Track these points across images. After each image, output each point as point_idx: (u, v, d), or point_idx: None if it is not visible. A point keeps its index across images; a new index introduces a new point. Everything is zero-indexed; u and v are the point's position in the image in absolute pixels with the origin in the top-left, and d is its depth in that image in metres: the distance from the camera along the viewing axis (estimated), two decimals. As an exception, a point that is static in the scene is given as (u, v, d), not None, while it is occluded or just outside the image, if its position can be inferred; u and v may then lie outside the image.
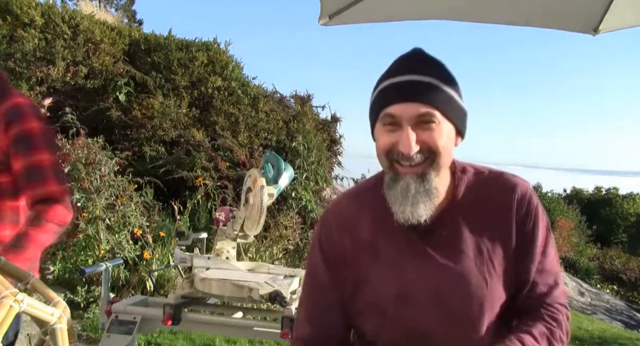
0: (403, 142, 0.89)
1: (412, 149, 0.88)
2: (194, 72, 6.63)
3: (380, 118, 0.93)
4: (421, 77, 0.91)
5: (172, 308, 2.04)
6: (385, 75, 0.96)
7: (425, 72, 0.92)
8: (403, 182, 0.91)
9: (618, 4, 1.65)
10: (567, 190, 20.91)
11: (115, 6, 16.39)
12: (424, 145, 0.90)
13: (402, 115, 0.89)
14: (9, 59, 5.24)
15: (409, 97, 0.89)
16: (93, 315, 3.74)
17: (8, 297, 1.33)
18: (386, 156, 0.93)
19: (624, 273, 12.93)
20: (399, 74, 0.93)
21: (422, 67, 0.93)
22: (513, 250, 0.96)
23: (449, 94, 0.92)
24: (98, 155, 4.53)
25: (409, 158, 0.89)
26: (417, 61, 0.95)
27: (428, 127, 0.90)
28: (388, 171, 0.95)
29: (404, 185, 0.91)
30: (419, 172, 0.91)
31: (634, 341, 7.26)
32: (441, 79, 0.92)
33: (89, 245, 4.15)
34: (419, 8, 1.89)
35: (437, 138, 0.90)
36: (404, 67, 0.94)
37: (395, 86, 0.92)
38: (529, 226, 0.98)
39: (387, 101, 0.91)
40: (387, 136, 0.92)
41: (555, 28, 1.85)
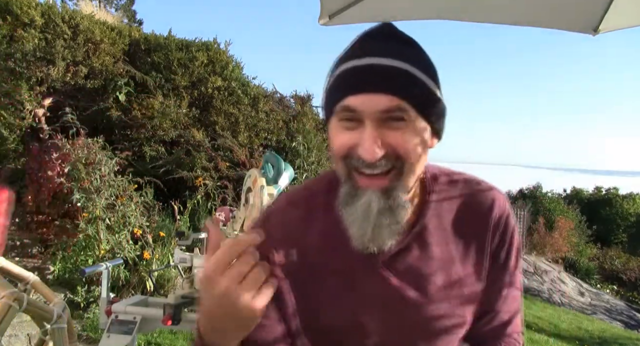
0: (364, 144, 0.69)
1: (375, 154, 0.68)
2: (194, 72, 6.63)
3: (336, 111, 0.73)
4: (390, 60, 0.70)
5: (172, 308, 2.04)
6: (345, 56, 0.75)
7: (395, 55, 0.71)
8: (364, 200, 0.72)
9: (618, 4, 1.65)
10: (567, 190, 20.90)
11: (115, 6, 16.39)
12: (391, 150, 0.70)
13: (364, 110, 0.69)
14: (9, 59, 5.24)
15: (373, 87, 0.69)
16: (93, 315, 3.74)
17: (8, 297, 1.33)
18: (343, 161, 0.73)
19: (624, 273, 12.93)
20: (361, 55, 0.72)
21: (392, 48, 0.72)
22: (485, 276, 0.83)
23: (423, 83, 0.71)
24: (98, 155, 4.53)
25: (371, 165, 0.70)
26: (385, 40, 0.74)
27: (397, 125, 0.70)
28: (345, 181, 0.75)
29: (365, 203, 0.72)
30: (383, 187, 0.71)
31: (634, 341, 7.26)
32: (415, 64, 0.71)
33: (89, 245, 4.15)
34: (420, 8, 1.89)
35: (407, 141, 0.70)
36: (369, 47, 0.73)
37: (356, 71, 0.71)
38: (504, 250, 0.84)
39: (346, 90, 0.71)
40: (343, 135, 0.72)
41: (555, 28, 1.84)
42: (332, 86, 0.75)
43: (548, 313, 8.03)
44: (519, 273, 0.88)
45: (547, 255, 13.00)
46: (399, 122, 0.70)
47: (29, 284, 1.66)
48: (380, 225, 0.72)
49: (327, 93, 0.76)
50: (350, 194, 0.74)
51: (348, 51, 0.75)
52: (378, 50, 0.71)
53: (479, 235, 0.83)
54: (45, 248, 4.82)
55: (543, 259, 12.37)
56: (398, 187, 0.72)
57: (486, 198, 0.85)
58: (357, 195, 0.73)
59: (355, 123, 0.71)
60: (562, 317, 7.92)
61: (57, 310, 1.56)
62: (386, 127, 0.70)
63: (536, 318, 7.33)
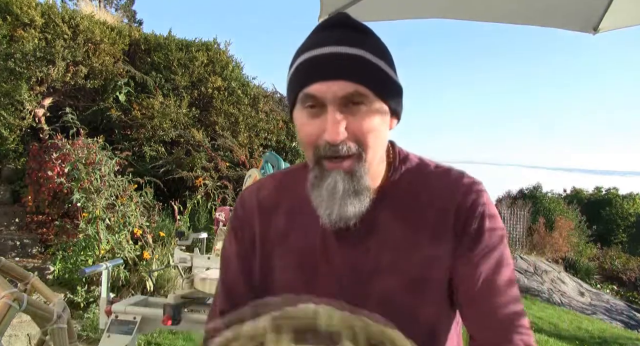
0: (328, 128, 0.73)
1: (338, 135, 0.73)
2: (194, 72, 6.63)
3: (299, 100, 0.77)
4: (347, 48, 0.74)
5: (172, 308, 2.04)
6: (304, 47, 0.79)
7: (351, 43, 0.75)
8: (330, 180, 0.76)
9: (618, 4, 1.65)
10: (567, 190, 20.88)
11: (115, 6, 16.38)
12: (352, 134, 0.74)
13: (325, 96, 0.73)
14: (9, 59, 5.24)
15: (332, 74, 0.73)
16: (93, 315, 3.74)
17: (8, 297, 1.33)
18: (312, 150, 0.77)
19: (624, 273, 12.92)
20: (319, 45, 0.76)
21: (347, 37, 0.76)
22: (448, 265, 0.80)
23: (380, 68, 0.76)
24: (98, 155, 4.53)
25: (336, 147, 0.74)
26: (341, 29, 0.78)
27: (357, 109, 0.74)
28: (313, 167, 0.79)
29: (331, 183, 0.76)
30: (346, 168, 0.75)
31: (634, 341, 7.26)
32: (371, 50, 0.76)
33: (89, 245, 4.15)
34: (419, 7, 1.89)
35: (368, 124, 0.75)
36: (325, 37, 0.77)
37: (315, 60, 0.75)
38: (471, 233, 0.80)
39: (306, 79, 0.75)
40: (309, 123, 0.76)
41: (555, 27, 1.85)
42: (293, 76, 0.79)
43: (548, 313, 8.03)
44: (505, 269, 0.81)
45: (547, 255, 12.99)
46: (359, 105, 0.74)
47: (29, 284, 1.66)
48: (346, 203, 0.76)
49: (289, 84, 0.80)
50: (317, 177, 0.78)
51: (307, 42, 0.79)
52: (335, 39, 0.76)
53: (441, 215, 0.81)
54: (45, 248, 4.82)
55: (543, 259, 12.36)
56: (360, 168, 0.76)
57: (454, 181, 0.84)
58: (324, 177, 0.77)
59: (318, 109, 0.75)
60: (562, 317, 7.91)
61: (57, 310, 1.56)
62: (347, 111, 0.74)
63: (536, 318, 7.33)
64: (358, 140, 0.75)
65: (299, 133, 0.80)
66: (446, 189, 0.83)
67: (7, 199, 5.44)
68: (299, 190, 0.84)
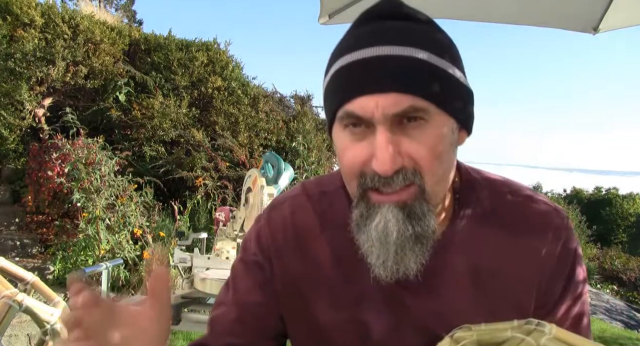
0: (377, 156, 0.56)
1: (390, 165, 0.55)
2: (194, 72, 6.63)
3: (337, 118, 0.60)
4: (396, 48, 0.56)
5: (172, 308, 2.04)
6: (342, 47, 0.61)
7: (401, 40, 0.57)
8: (379, 219, 0.58)
9: (618, 4, 1.65)
10: (567, 190, 20.89)
11: (115, 6, 16.38)
12: (409, 160, 0.57)
13: (372, 116, 0.56)
14: (9, 59, 5.24)
15: (380, 85, 0.55)
16: (93, 315, 3.74)
17: (8, 297, 1.33)
18: (357, 181, 0.60)
19: (624, 273, 12.91)
20: (362, 45, 0.58)
21: (398, 31, 0.58)
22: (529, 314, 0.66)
23: (443, 71, 0.57)
24: (98, 155, 4.53)
25: (387, 180, 0.57)
26: (390, 21, 0.59)
27: (414, 127, 0.57)
28: (358, 202, 0.61)
29: (382, 225, 0.58)
30: (401, 202, 0.58)
31: (634, 341, 7.25)
32: (431, 48, 0.57)
33: (89, 245, 4.15)
34: (419, 7, 1.89)
35: (428, 146, 0.57)
36: (370, 33, 0.58)
37: (356, 67, 0.57)
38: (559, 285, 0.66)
39: (345, 92, 0.58)
40: (353, 148, 0.59)
41: (555, 27, 1.85)
42: (329, 87, 0.62)
43: (548, 313, 8.03)
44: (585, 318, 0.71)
45: (547, 255, 12.99)
46: (417, 122, 0.57)
47: (29, 284, 1.65)
48: (403, 247, 0.59)
49: (326, 97, 0.63)
50: (362, 215, 0.60)
51: (346, 40, 0.61)
52: (383, 36, 0.57)
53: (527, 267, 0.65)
54: (45, 248, 4.82)
55: (543, 259, 12.37)
56: (421, 201, 0.59)
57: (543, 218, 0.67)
58: (371, 216, 0.60)
59: (363, 128, 0.58)
60: (562, 317, 7.91)
61: (57, 310, 1.56)
62: (401, 131, 0.57)
63: None
64: (417, 167, 0.57)
65: (340, 160, 0.62)
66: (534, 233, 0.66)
67: (7, 199, 5.44)
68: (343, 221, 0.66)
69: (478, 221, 0.67)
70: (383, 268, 0.60)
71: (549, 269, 0.66)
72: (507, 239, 0.66)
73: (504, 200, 0.68)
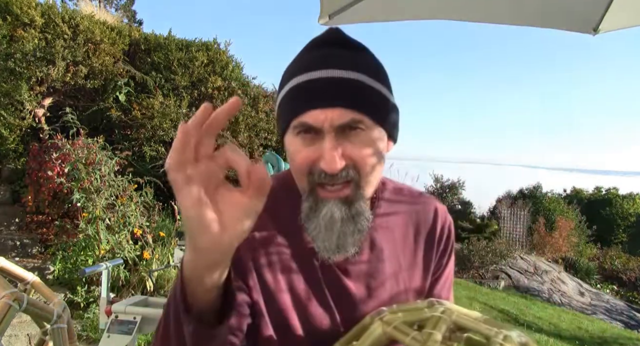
0: (325, 157, 0.69)
1: (336, 165, 0.69)
2: (194, 72, 6.63)
3: (292, 127, 0.73)
4: (340, 72, 0.70)
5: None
6: (294, 68, 0.74)
7: (344, 64, 0.71)
8: (326, 211, 0.72)
9: (618, 4, 1.65)
10: (567, 190, 20.89)
11: (115, 6, 16.39)
12: (350, 161, 0.71)
13: (323, 125, 0.69)
14: (9, 59, 5.24)
15: (327, 102, 0.69)
16: (93, 315, 3.74)
17: (8, 297, 1.33)
18: (307, 178, 0.73)
19: (624, 273, 12.92)
20: (311, 67, 0.71)
21: (340, 57, 0.72)
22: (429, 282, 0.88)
23: (377, 91, 0.73)
24: (98, 155, 4.53)
25: (332, 177, 0.70)
26: (333, 48, 0.74)
27: (354, 135, 0.71)
28: (307, 197, 0.74)
29: (327, 214, 0.72)
30: (343, 196, 0.72)
31: (634, 341, 7.26)
32: (367, 72, 0.72)
33: (89, 245, 4.15)
34: (419, 8, 1.89)
35: (365, 152, 0.72)
36: (317, 57, 0.73)
37: (308, 86, 0.71)
38: (445, 258, 0.89)
39: (299, 106, 0.71)
40: (304, 151, 0.72)
41: (555, 28, 1.85)
42: (284, 101, 0.75)
43: (548, 313, 8.03)
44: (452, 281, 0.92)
45: (547, 255, 12.99)
46: (356, 131, 0.71)
47: (29, 284, 1.66)
48: (345, 233, 0.73)
49: (281, 109, 0.76)
50: (312, 208, 0.74)
51: (297, 63, 0.75)
52: (328, 61, 0.71)
53: (427, 243, 0.87)
54: (45, 248, 4.82)
55: (543, 259, 12.37)
56: (358, 197, 0.73)
57: (430, 208, 0.89)
58: (319, 208, 0.73)
59: (313, 135, 0.71)
60: (562, 317, 7.91)
61: (57, 310, 1.56)
62: (344, 138, 0.71)
63: (536, 318, 7.33)
64: (356, 167, 0.72)
65: (292, 161, 0.75)
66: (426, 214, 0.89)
67: (7, 199, 5.44)
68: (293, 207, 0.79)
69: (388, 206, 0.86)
70: (326, 250, 0.74)
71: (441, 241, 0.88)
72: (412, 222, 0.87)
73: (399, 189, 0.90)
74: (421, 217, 0.88)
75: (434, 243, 0.87)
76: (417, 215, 0.88)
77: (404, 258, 0.85)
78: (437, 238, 0.88)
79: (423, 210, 0.89)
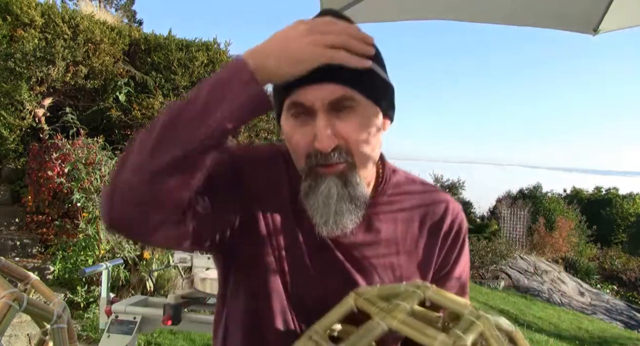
0: (319, 136, 0.71)
1: (329, 143, 0.70)
2: (194, 72, 6.63)
3: (285, 107, 0.74)
4: None
5: (172, 308, 2.04)
6: None
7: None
8: (324, 186, 0.73)
9: (618, 4, 1.65)
10: (567, 190, 20.90)
11: (115, 6, 16.38)
12: (343, 141, 0.72)
13: (314, 103, 0.70)
14: (9, 59, 5.24)
15: (320, 77, 0.69)
16: (93, 315, 3.74)
17: (8, 297, 1.33)
18: (305, 160, 0.74)
19: (624, 273, 12.92)
20: None
21: None
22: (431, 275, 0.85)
23: (370, 69, 0.72)
24: (98, 155, 4.53)
25: (326, 156, 0.72)
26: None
27: (347, 113, 0.72)
28: (306, 177, 0.75)
29: (325, 190, 0.73)
30: (339, 172, 0.73)
31: (634, 341, 7.26)
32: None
33: (89, 245, 4.15)
34: (419, 8, 1.89)
35: (358, 128, 0.72)
36: None
37: None
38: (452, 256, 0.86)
39: (291, 84, 0.71)
40: (298, 132, 0.73)
41: (555, 28, 1.85)
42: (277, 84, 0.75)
43: (548, 313, 8.04)
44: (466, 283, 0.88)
45: (547, 255, 13.00)
46: (349, 109, 0.72)
47: (29, 284, 1.65)
48: (342, 210, 0.73)
49: (274, 91, 0.77)
50: (311, 186, 0.74)
51: None
52: None
53: (431, 236, 0.84)
54: (45, 248, 4.82)
55: (543, 259, 12.37)
56: (354, 173, 0.74)
57: (441, 202, 0.87)
58: (318, 185, 0.74)
59: (307, 116, 0.72)
60: (562, 317, 7.92)
61: (57, 310, 1.56)
62: (337, 116, 0.71)
63: (536, 318, 7.34)
64: (349, 146, 0.73)
65: (289, 142, 0.76)
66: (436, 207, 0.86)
67: (7, 199, 5.44)
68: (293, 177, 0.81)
69: (396, 192, 0.85)
70: (324, 226, 0.74)
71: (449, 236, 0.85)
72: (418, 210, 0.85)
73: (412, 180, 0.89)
74: (430, 209, 0.85)
75: (439, 237, 0.84)
76: (426, 207, 0.86)
77: (404, 246, 0.83)
78: (444, 232, 0.85)
79: (433, 203, 0.86)
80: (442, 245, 0.85)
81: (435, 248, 0.84)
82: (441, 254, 0.85)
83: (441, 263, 0.85)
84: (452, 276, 0.86)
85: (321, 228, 0.75)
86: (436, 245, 0.85)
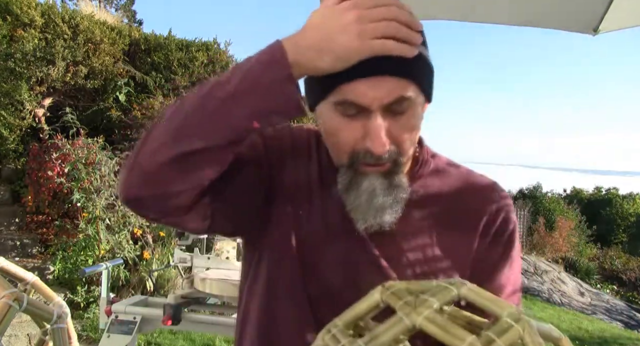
0: (374, 139, 0.64)
1: (385, 148, 0.65)
2: (194, 72, 6.63)
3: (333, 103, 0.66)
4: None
5: (172, 308, 2.04)
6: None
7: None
8: (367, 184, 0.68)
9: (618, 4, 1.65)
10: (567, 190, 20.88)
11: (115, 6, 16.37)
12: (394, 142, 0.67)
13: (371, 104, 0.63)
14: (9, 59, 5.24)
15: (369, 71, 0.62)
16: (93, 315, 3.74)
17: (8, 297, 1.33)
18: (350, 155, 0.68)
19: (624, 273, 12.92)
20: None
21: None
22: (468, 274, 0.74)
23: (422, 55, 0.65)
24: (98, 155, 4.53)
25: (378, 158, 0.66)
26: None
27: (401, 110, 0.65)
28: (347, 171, 0.70)
29: (369, 188, 0.68)
30: (384, 171, 0.69)
31: (634, 341, 7.26)
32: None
33: (89, 245, 4.16)
34: (419, 8, 1.88)
35: (409, 128, 0.68)
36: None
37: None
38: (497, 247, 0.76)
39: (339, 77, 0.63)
40: (349, 127, 0.66)
41: (555, 28, 1.85)
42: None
43: (548, 313, 8.03)
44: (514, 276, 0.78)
45: (547, 255, 12.99)
46: (402, 107, 0.65)
47: (29, 284, 1.66)
48: (384, 207, 0.69)
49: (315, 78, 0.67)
50: (351, 181, 0.70)
51: None
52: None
53: (469, 225, 0.75)
54: (45, 248, 4.82)
55: (543, 259, 12.37)
56: (398, 170, 0.70)
57: (484, 190, 0.79)
58: (359, 181, 0.69)
59: (357, 112, 0.65)
60: (562, 317, 7.92)
61: (57, 310, 1.56)
62: (392, 118, 0.65)
63: (536, 318, 7.33)
64: (400, 148, 0.68)
65: (332, 136, 0.69)
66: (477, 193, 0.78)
67: (7, 199, 5.44)
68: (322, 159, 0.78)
69: (433, 177, 0.79)
70: (364, 223, 0.70)
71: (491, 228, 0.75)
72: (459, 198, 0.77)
73: (455, 166, 0.81)
74: (471, 197, 0.77)
75: (478, 225, 0.75)
76: (467, 195, 0.77)
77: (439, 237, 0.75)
78: (485, 222, 0.75)
79: (475, 191, 0.78)
80: (482, 234, 0.75)
81: (472, 237, 0.75)
82: (483, 245, 0.75)
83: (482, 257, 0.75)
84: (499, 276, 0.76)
85: (360, 225, 0.70)
86: (474, 233, 0.75)
